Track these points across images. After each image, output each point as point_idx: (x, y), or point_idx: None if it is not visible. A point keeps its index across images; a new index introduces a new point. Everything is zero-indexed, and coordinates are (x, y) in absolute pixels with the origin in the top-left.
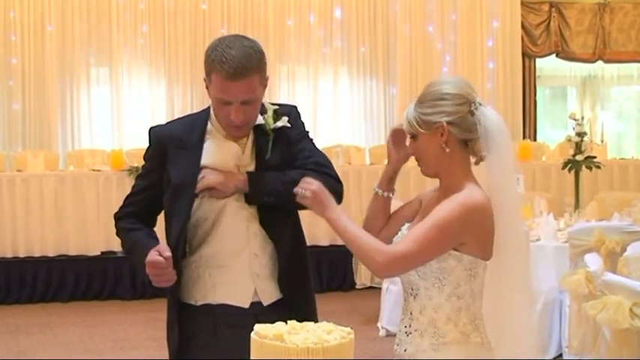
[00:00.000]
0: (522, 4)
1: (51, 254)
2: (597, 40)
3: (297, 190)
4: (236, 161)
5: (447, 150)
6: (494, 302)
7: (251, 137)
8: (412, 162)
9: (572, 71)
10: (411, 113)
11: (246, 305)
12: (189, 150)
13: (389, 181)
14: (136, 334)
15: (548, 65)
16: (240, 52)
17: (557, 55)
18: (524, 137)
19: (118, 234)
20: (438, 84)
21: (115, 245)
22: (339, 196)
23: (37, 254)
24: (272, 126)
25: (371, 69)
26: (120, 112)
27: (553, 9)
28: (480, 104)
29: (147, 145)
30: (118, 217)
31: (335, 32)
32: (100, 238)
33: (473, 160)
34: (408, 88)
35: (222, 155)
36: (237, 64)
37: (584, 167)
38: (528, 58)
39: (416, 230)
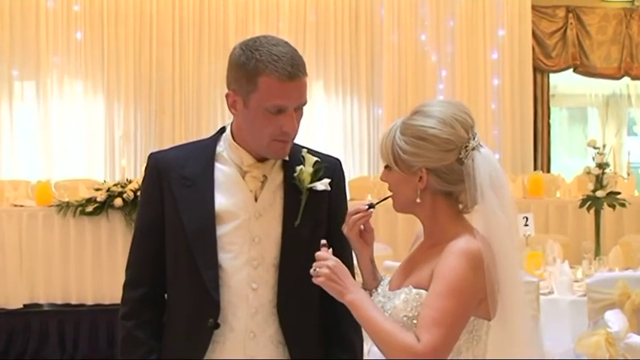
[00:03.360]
0: (533, 8)
1: None
2: (623, 52)
3: (312, 270)
4: (248, 214)
5: (418, 200)
6: None
7: (275, 177)
8: None
9: (592, 89)
10: (389, 141)
11: None
12: (196, 187)
13: (373, 275)
14: None
15: (564, 82)
16: (289, 49)
17: (574, 70)
18: (535, 168)
19: (125, 343)
20: (426, 115)
21: (41, 297)
22: None
23: None
24: (308, 185)
25: (351, 85)
26: (48, 135)
27: (570, 15)
28: (474, 149)
29: (81, 175)
30: (127, 317)
31: (309, 40)
32: (22, 288)
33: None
34: (396, 109)
35: (232, 201)
36: (291, 60)
37: (605, 205)
38: (541, 73)
39: (428, 309)
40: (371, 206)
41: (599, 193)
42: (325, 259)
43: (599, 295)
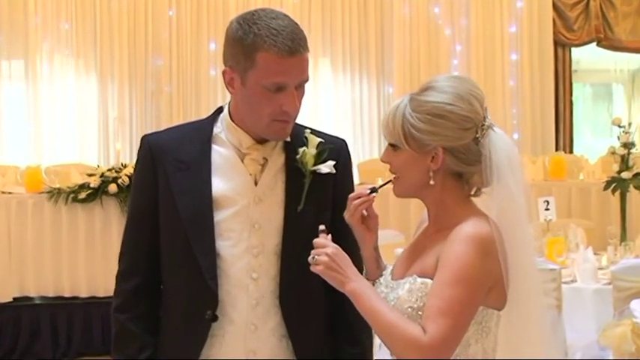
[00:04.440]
0: None
1: None
2: None
3: (310, 258)
4: (248, 199)
5: (432, 182)
6: None
7: (276, 160)
8: None
9: (617, 64)
10: (399, 118)
11: None
12: (192, 171)
13: (377, 264)
14: None
15: (587, 57)
16: (289, 22)
17: (598, 44)
18: (557, 149)
19: (118, 337)
20: (441, 91)
21: (32, 289)
22: None
23: None
24: (311, 168)
25: (360, 62)
26: (38, 117)
27: None
28: (489, 127)
29: (73, 159)
30: (120, 310)
31: (314, 14)
32: (11, 280)
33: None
34: (407, 87)
35: (231, 185)
36: (292, 34)
37: (632, 187)
38: (562, 47)
39: (434, 299)
40: (373, 190)
41: (625, 175)
42: (324, 246)
43: (624, 284)
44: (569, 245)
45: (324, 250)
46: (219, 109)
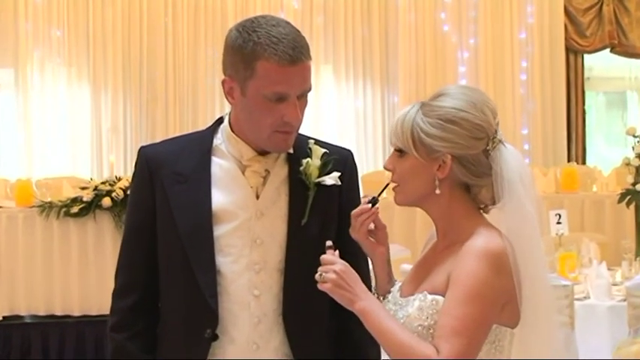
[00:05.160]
0: None
1: None
2: None
3: (317, 275)
4: (249, 213)
5: (438, 191)
6: None
7: (279, 172)
8: None
9: (632, 71)
10: (408, 122)
11: None
12: (191, 184)
13: (389, 278)
14: None
15: (600, 64)
16: (291, 30)
17: (612, 50)
18: (569, 160)
19: (114, 357)
20: (454, 98)
21: (22, 307)
22: None
23: None
24: (316, 180)
25: (364, 69)
26: (29, 128)
27: None
28: (500, 141)
29: (65, 172)
30: (116, 329)
31: (316, 20)
32: (1, 298)
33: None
34: (413, 95)
35: (231, 199)
36: (293, 42)
37: None
38: (574, 54)
39: (447, 317)
40: (374, 202)
41: None
42: (332, 263)
43: (639, 300)
44: (582, 260)
45: (332, 267)
46: (220, 120)
